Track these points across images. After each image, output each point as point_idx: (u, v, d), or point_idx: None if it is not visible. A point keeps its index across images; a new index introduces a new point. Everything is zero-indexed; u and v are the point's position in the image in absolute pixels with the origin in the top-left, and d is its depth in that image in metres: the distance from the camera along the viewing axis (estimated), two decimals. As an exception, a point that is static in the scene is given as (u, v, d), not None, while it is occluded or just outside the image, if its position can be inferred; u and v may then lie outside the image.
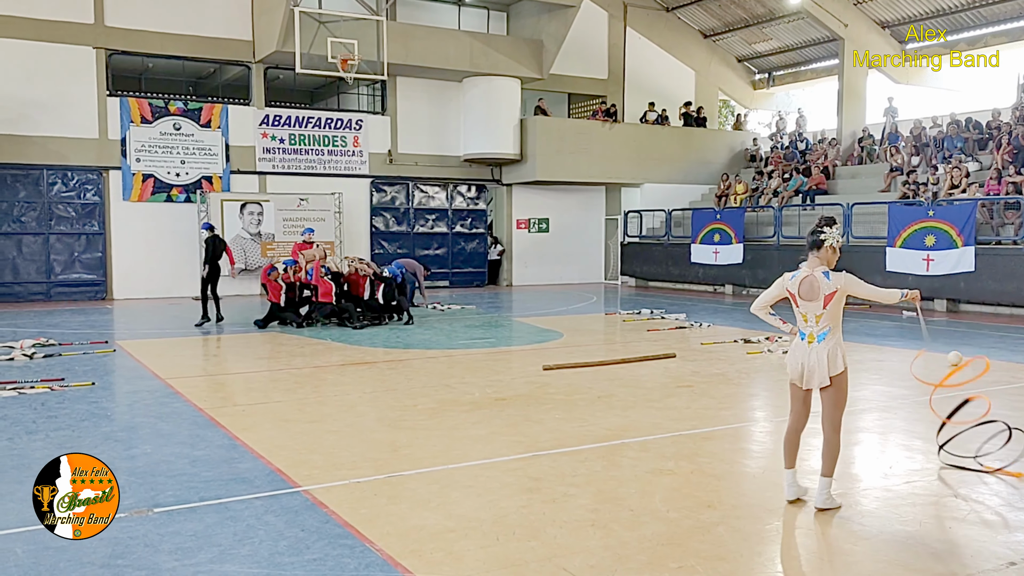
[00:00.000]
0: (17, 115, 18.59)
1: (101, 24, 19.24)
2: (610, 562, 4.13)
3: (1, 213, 18.82)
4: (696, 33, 27.45)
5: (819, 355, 4.74)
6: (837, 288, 4.73)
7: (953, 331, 13.54)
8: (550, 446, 6.29)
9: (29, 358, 10.47)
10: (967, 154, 19.38)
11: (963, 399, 5.95)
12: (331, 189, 21.63)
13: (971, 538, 4.47)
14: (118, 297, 19.71)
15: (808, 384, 4.85)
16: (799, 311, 4.87)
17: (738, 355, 10.90)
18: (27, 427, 6.94)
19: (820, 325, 4.76)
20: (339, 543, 4.34)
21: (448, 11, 23.51)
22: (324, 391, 8.72)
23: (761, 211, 21.57)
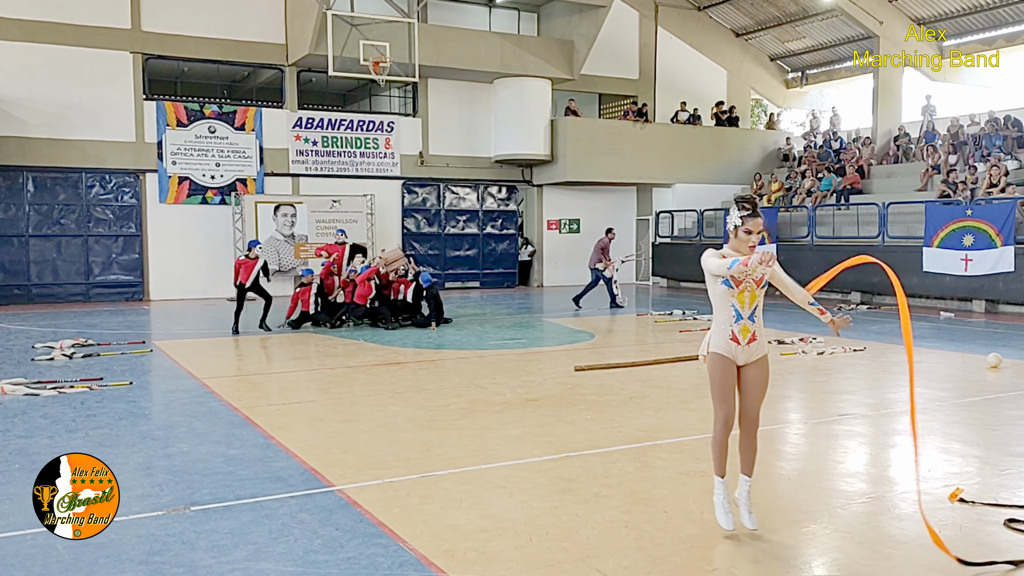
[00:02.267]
0: (56, 119, 18.95)
1: (138, 29, 19.54)
2: (643, 564, 4.11)
3: (41, 216, 19.19)
4: (728, 32, 27.24)
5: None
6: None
7: (992, 332, 13.30)
8: (582, 447, 6.27)
9: (69, 358, 10.66)
10: (1006, 152, 19.03)
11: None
12: (363, 191, 21.77)
13: (1013, 543, 4.39)
14: (155, 298, 20.00)
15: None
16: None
17: (772, 356, 10.74)
18: (67, 426, 7.06)
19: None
20: (373, 542, 4.36)
21: (479, 12, 23.56)
22: (357, 391, 8.78)
23: (794, 211, 21.34)
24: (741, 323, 4.37)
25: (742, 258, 4.22)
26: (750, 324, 4.39)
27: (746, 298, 4.36)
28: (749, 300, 4.37)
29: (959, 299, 16.77)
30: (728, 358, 4.42)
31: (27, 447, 6.35)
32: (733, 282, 4.32)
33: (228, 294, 20.36)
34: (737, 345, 4.40)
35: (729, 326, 4.38)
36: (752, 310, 4.39)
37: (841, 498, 5.11)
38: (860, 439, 6.79)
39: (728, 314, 4.37)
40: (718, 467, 4.50)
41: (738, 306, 4.36)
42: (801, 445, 6.65)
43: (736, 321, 4.37)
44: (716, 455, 4.51)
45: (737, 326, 4.38)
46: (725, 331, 4.40)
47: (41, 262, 19.22)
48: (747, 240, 4.35)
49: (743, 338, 4.39)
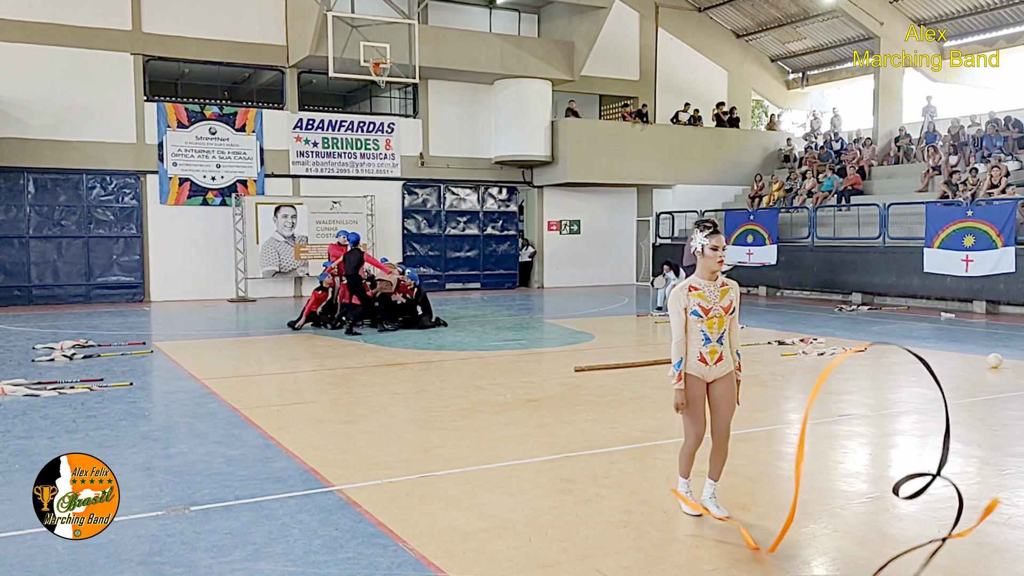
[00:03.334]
0: (57, 120, 18.96)
1: (139, 30, 19.56)
2: (643, 564, 4.10)
3: (42, 217, 19.20)
4: (729, 33, 27.25)
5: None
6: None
7: (993, 333, 13.30)
8: (582, 447, 6.27)
9: (69, 359, 10.66)
10: (1007, 153, 19.03)
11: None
12: (363, 192, 21.78)
13: (1012, 543, 4.39)
14: (155, 299, 20.00)
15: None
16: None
17: (772, 357, 10.79)
18: (67, 426, 7.06)
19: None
20: (372, 542, 4.36)
21: (479, 14, 23.58)
22: (357, 392, 8.78)
23: (795, 212, 21.34)
24: (710, 346, 4.58)
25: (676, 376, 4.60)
26: (718, 346, 4.59)
27: (715, 324, 4.56)
28: (718, 326, 4.57)
29: (960, 300, 16.77)
30: (697, 377, 4.63)
31: (27, 448, 6.35)
32: (702, 311, 4.52)
33: (228, 295, 20.44)
34: (705, 365, 4.61)
35: (698, 348, 4.59)
36: (720, 335, 4.59)
37: (841, 498, 5.11)
38: (860, 439, 6.79)
39: (697, 337, 4.58)
40: (684, 471, 4.82)
41: (707, 331, 4.56)
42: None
43: (705, 344, 4.58)
44: (684, 463, 4.81)
45: (706, 348, 4.59)
46: (694, 352, 4.61)
47: (42, 263, 19.23)
48: (715, 256, 4.55)
49: (711, 359, 4.60)
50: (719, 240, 4.57)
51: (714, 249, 4.54)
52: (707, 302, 4.53)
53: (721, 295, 4.56)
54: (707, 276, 4.58)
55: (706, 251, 4.57)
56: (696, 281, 4.60)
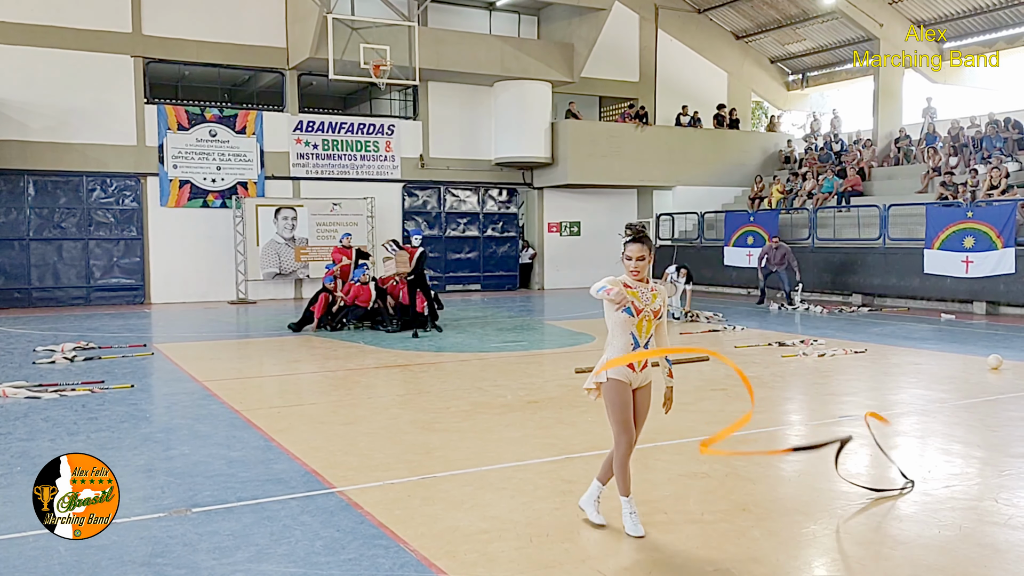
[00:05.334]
0: (57, 123, 18.97)
1: (139, 33, 19.57)
2: (645, 565, 4.11)
3: (42, 219, 19.21)
4: (728, 34, 27.27)
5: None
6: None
7: (993, 334, 13.31)
8: (583, 448, 6.27)
9: (70, 361, 10.67)
10: (1006, 154, 19.04)
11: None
12: (364, 194, 21.79)
13: (1012, 543, 4.39)
14: (156, 301, 20.01)
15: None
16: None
17: (772, 358, 10.80)
18: (68, 428, 7.07)
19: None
20: (374, 543, 4.37)
21: (479, 16, 23.60)
22: (358, 393, 8.79)
23: (795, 213, 21.35)
24: (638, 351, 4.46)
25: (607, 286, 4.31)
26: (645, 352, 4.49)
27: (644, 327, 4.45)
28: (646, 329, 4.46)
29: (960, 301, 16.77)
30: (626, 384, 4.50)
31: (28, 450, 6.36)
32: (634, 310, 4.40)
33: (229, 297, 20.45)
34: (633, 372, 4.50)
35: (627, 352, 4.47)
36: (648, 339, 4.48)
37: (841, 499, 5.11)
38: (860, 440, 6.79)
39: (626, 341, 4.46)
40: (624, 487, 4.52)
41: (636, 334, 4.45)
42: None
43: (633, 349, 4.46)
44: (622, 476, 4.52)
45: (634, 352, 4.47)
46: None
47: (42, 266, 19.24)
48: (628, 265, 4.45)
49: (638, 365, 4.50)
50: (633, 250, 4.44)
51: (628, 259, 4.45)
52: (640, 302, 4.43)
53: (652, 298, 4.47)
54: (636, 279, 4.47)
55: (623, 259, 4.49)
56: (630, 281, 4.48)
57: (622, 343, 4.47)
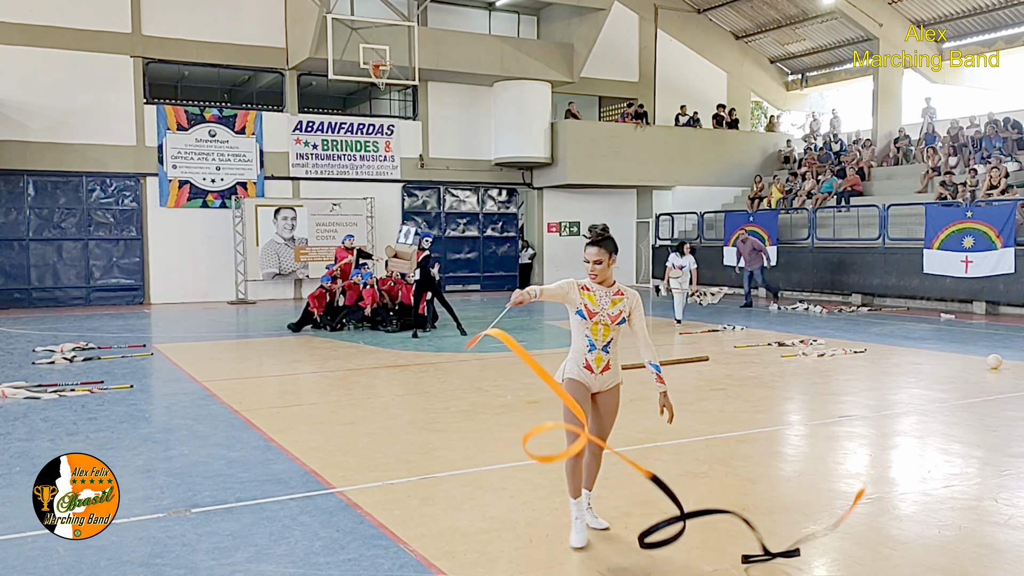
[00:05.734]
0: (57, 123, 18.97)
1: (138, 33, 19.58)
2: (644, 564, 4.11)
3: (42, 219, 19.21)
4: (728, 34, 27.27)
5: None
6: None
7: (993, 334, 13.31)
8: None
9: (69, 361, 10.67)
10: (1006, 154, 19.04)
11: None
12: (363, 194, 21.79)
13: (1012, 543, 4.39)
14: (155, 302, 20.01)
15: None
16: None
17: (772, 358, 10.80)
18: (68, 429, 7.07)
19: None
20: (373, 544, 4.37)
21: (479, 16, 23.60)
22: (357, 393, 8.79)
23: (795, 213, 21.35)
24: (595, 352, 4.37)
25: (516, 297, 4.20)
26: (604, 355, 4.38)
27: (599, 331, 4.34)
28: (603, 333, 4.34)
29: (959, 301, 16.77)
30: (581, 383, 4.41)
31: (28, 450, 6.35)
32: (587, 313, 4.31)
33: (228, 297, 20.44)
34: (591, 373, 4.39)
35: (583, 354, 4.38)
36: (606, 342, 4.37)
37: (841, 499, 5.11)
38: (860, 440, 6.80)
39: (583, 343, 4.38)
40: (574, 489, 4.42)
41: (591, 337, 4.36)
42: (802, 446, 6.66)
43: (590, 351, 4.37)
44: (571, 478, 4.42)
45: (591, 355, 4.37)
46: (580, 359, 4.40)
47: (42, 266, 19.24)
48: (586, 267, 4.35)
49: (596, 367, 4.39)
50: (588, 253, 4.32)
51: (586, 261, 4.33)
52: (595, 305, 4.30)
53: (612, 303, 4.32)
54: (597, 282, 4.35)
55: (585, 264, 4.35)
56: (589, 283, 4.36)
57: (579, 345, 4.39)
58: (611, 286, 4.37)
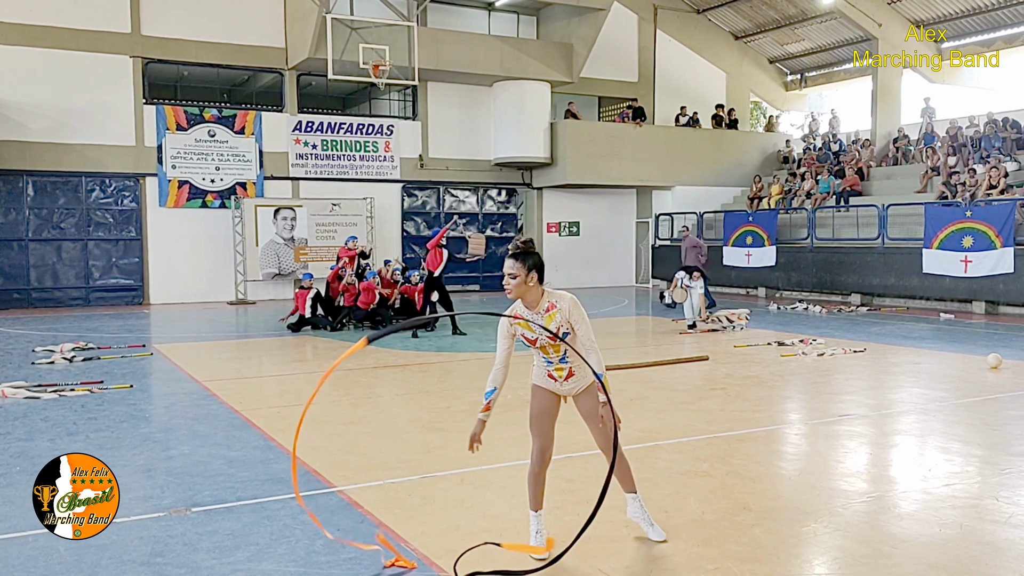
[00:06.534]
0: (56, 123, 18.96)
1: (138, 33, 19.57)
2: (645, 563, 4.11)
3: (41, 220, 19.20)
4: (727, 35, 27.27)
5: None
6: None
7: (992, 333, 13.31)
8: (583, 448, 6.25)
9: (69, 361, 10.66)
10: (1005, 154, 19.05)
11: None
12: (363, 194, 21.79)
13: (1013, 541, 4.39)
14: (155, 302, 20.00)
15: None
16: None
17: (772, 358, 10.80)
18: (68, 428, 7.06)
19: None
20: (374, 543, 4.36)
21: (478, 16, 23.60)
22: (358, 393, 8.78)
23: (794, 213, 21.36)
24: (554, 365, 4.28)
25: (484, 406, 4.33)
26: (563, 365, 4.29)
27: (549, 350, 4.25)
28: (553, 351, 4.25)
29: (959, 300, 16.78)
30: (548, 391, 4.36)
31: (28, 450, 6.35)
32: (527, 342, 4.24)
33: (228, 298, 20.43)
34: (555, 382, 4.33)
35: (544, 368, 4.34)
36: (561, 356, 4.27)
37: (842, 497, 5.11)
38: (860, 439, 6.80)
39: (540, 360, 4.34)
40: (534, 501, 4.33)
41: (544, 356, 4.31)
42: (802, 445, 6.66)
43: (548, 365, 4.31)
44: (532, 488, 4.32)
45: (551, 367, 4.31)
46: (542, 370, 4.36)
47: (41, 266, 19.23)
48: (504, 282, 4.19)
49: (559, 376, 4.32)
50: (506, 266, 4.16)
51: (503, 275, 4.19)
52: (531, 332, 4.18)
53: (547, 321, 4.17)
54: (526, 303, 4.20)
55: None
56: (520, 308, 4.22)
57: (537, 361, 4.36)
58: (538, 305, 4.20)
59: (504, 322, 4.23)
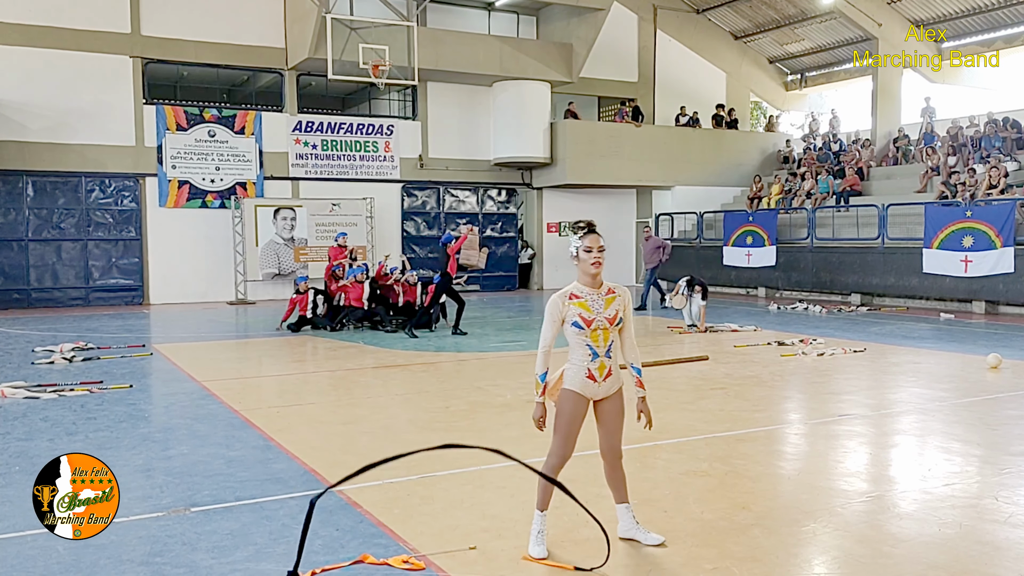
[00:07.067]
0: (56, 123, 18.96)
1: (137, 33, 19.57)
2: (644, 563, 4.11)
3: (41, 220, 19.20)
4: (727, 35, 27.27)
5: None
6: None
7: (992, 333, 13.31)
8: (582, 447, 6.20)
9: (69, 361, 10.66)
10: (1005, 153, 19.05)
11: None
12: (363, 194, 21.79)
13: (1013, 541, 4.39)
14: (154, 302, 20.00)
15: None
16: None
17: (771, 357, 10.79)
18: (67, 428, 7.06)
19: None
20: (373, 542, 4.36)
21: (478, 16, 23.60)
22: (357, 393, 8.78)
23: (794, 213, 21.36)
24: (598, 361, 4.19)
25: (541, 389, 4.22)
26: (606, 361, 4.22)
27: (599, 337, 4.16)
28: (603, 339, 4.17)
29: (959, 300, 16.77)
30: (582, 396, 4.22)
31: (27, 450, 6.35)
32: (583, 322, 4.15)
33: (228, 298, 20.42)
34: (594, 383, 4.20)
35: (585, 364, 4.19)
36: (608, 347, 4.21)
37: (841, 497, 5.11)
38: (860, 439, 6.80)
39: (583, 353, 4.19)
40: (542, 502, 4.29)
41: (593, 346, 4.18)
42: (801, 445, 6.65)
43: (593, 359, 4.19)
44: (543, 490, 4.28)
45: (594, 364, 4.19)
46: (581, 369, 4.20)
47: (41, 266, 19.22)
48: (589, 258, 4.17)
49: (600, 375, 4.20)
50: (594, 241, 4.19)
51: (588, 251, 4.16)
52: (589, 312, 4.12)
53: (606, 304, 4.16)
54: (588, 282, 4.19)
55: (580, 254, 4.19)
56: (578, 288, 4.19)
57: (580, 355, 4.21)
58: (601, 287, 4.22)
59: (556, 302, 4.17)
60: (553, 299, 4.20)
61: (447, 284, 13.58)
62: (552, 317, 4.19)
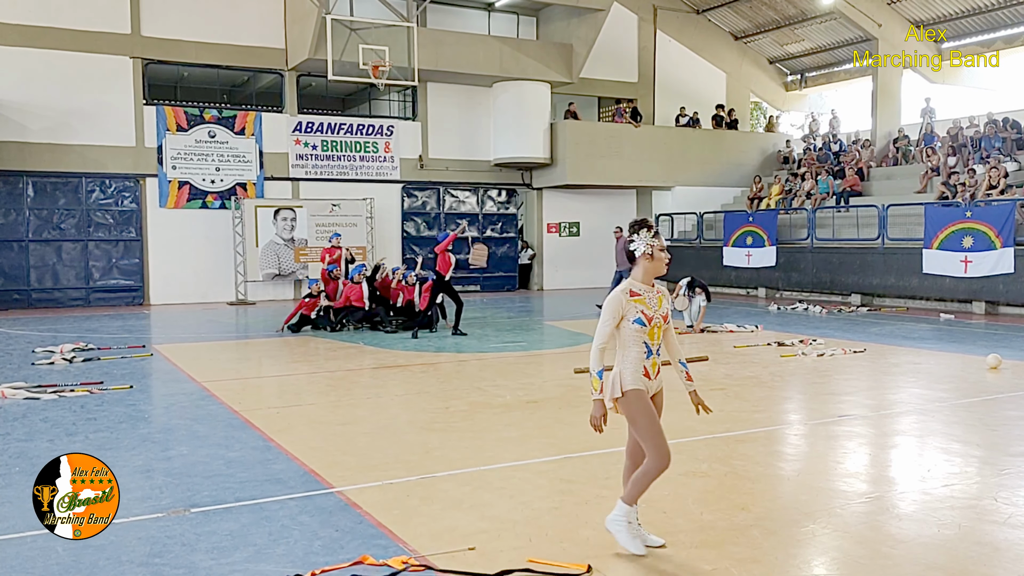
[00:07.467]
0: (56, 124, 18.97)
1: (138, 34, 19.57)
2: (644, 563, 4.11)
3: (41, 220, 19.20)
4: (727, 35, 27.27)
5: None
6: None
7: (992, 334, 13.31)
8: (582, 448, 6.27)
9: (69, 362, 10.66)
10: (1005, 154, 19.05)
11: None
12: (363, 194, 21.79)
13: (1011, 542, 4.39)
14: (155, 302, 20.00)
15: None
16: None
17: (771, 358, 10.79)
18: (67, 429, 7.06)
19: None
20: (373, 543, 4.36)
21: (478, 17, 23.60)
22: (357, 394, 8.78)
23: (794, 213, 21.36)
24: (652, 358, 4.26)
25: (600, 386, 4.25)
26: (657, 358, 4.30)
27: (655, 334, 4.24)
28: (657, 336, 4.26)
29: (959, 301, 16.77)
30: (645, 392, 4.27)
31: (27, 450, 6.35)
32: (645, 319, 4.20)
33: (228, 298, 20.43)
34: (649, 380, 4.27)
35: (641, 362, 4.24)
36: (659, 345, 4.30)
37: (841, 498, 5.11)
38: (860, 440, 6.80)
39: (640, 351, 4.23)
40: (634, 497, 4.29)
41: (649, 342, 4.25)
42: (801, 446, 6.65)
43: (648, 357, 4.25)
44: (642, 487, 4.27)
45: (648, 361, 4.25)
46: (638, 367, 4.24)
47: (41, 267, 19.23)
48: (663, 258, 4.29)
49: (653, 372, 4.29)
50: (664, 243, 4.36)
51: (662, 250, 4.29)
52: (649, 309, 4.20)
53: (659, 302, 4.26)
54: (647, 281, 4.28)
55: (656, 253, 4.26)
56: (636, 285, 4.26)
57: (636, 353, 4.25)
58: (653, 285, 4.31)
59: (619, 298, 4.21)
60: (615, 294, 4.25)
61: (441, 284, 13.58)
62: (614, 314, 4.23)
